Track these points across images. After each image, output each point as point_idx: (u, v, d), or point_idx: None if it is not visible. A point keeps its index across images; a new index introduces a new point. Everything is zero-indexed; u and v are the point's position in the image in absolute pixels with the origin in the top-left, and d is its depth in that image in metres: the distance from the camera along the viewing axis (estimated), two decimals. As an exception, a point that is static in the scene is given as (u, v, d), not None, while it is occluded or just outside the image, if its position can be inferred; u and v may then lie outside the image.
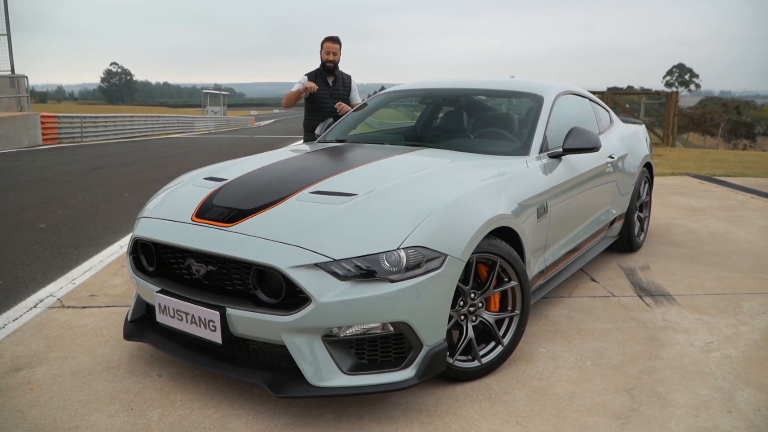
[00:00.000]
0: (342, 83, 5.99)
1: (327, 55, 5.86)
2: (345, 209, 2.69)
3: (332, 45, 5.87)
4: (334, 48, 5.87)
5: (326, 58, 5.86)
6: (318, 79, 5.89)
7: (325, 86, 5.91)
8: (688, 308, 3.92)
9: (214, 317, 2.60)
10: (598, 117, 4.84)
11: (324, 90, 5.88)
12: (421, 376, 2.58)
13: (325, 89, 5.90)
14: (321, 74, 5.92)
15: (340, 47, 5.94)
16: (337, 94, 5.94)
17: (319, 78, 5.90)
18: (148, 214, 3.13)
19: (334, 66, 5.91)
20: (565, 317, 3.78)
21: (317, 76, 5.91)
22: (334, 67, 5.91)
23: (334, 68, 5.91)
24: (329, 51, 5.85)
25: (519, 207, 3.14)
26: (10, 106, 19.03)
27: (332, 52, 5.86)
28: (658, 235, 5.79)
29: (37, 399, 2.84)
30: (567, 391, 2.87)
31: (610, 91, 20.24)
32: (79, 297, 4.21)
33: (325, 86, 5.90)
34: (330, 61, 5.86)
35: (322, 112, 5.83)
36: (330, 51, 5.85)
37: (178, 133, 31.13)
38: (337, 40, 5.93)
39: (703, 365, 3.13)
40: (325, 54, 5.87)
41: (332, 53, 5.86)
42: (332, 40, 5.89)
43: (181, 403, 2.80)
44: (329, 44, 5.87)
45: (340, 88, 5.97)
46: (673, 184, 9.21)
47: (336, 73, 5.95)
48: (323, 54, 5.89)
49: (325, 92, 5.88)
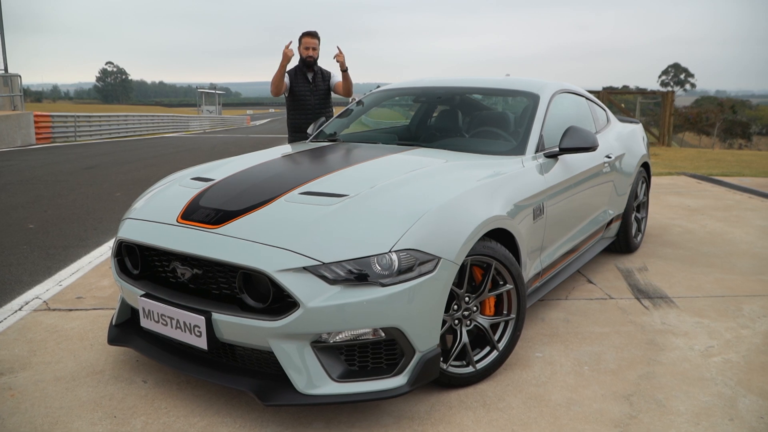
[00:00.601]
0: (321, 78, 5.81)
1: (306, 50, 5.68)
2: (335, 210, 2.61)
3: (311, 40, 5.68)
4: (313, 43, 5.68)
5: (306, 54, 5.68)
6: (297, 76, 5.72)
7: (306, 82, 5.73)
8: (687, 311, 3.85)
9: (199, 322, 2.51)
10: (595, 116, 4.76)
11: (305, 86, 5.72)
12: (414, 383, 2.49)
13: (306, 86, 5.73)
14: (300, 71, 5.75)
15: (319, 42, 5.75)
16: (318, 90, 5.77)
17: (298, 75, 5.73)
18: (133, 215, 3.04)
19: (315, 61, 5.73)
20: (562, 320, 3.70)
21: (296, 73, 5.74)
22: (314, 63, 5.73)
23: (315, 63, 5.74)
24: (308, 46, 5.67)
25: (515, 208, 3.06)
26: (4, 106, 18.89)
27: (311, 48, 5.67)
28: (656, 236, 5.72)
29: (18, 406, 2.75)
30: (564, 398, 2.79)
31: (605, 91, 20.21)
32: (65, 299, 4.12)
33: (305, 82, 5.73)
34: (310, 56, 5.67)
35: (305, 109, 5.71)
36: (309, 46, 5.67)
37: (173, 132, 31.01)
38: (316, 35, 5.73)
39: (703, 370, 3.05)
40: (305, 50, 5.69)
41: (311, 48, 5.67)
42: (311, 35, 5.70)
43: (166, 410, 2.71)
44: (308, 39, 5.68)
45: (319, 82, 5.78)
46: (669, 183, 9.15)
47: (315, 68, 5.77)
48: (302, 50, 5.71)
49: (305, 89, 5.72)
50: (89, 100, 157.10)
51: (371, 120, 5.75)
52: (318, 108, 5.72)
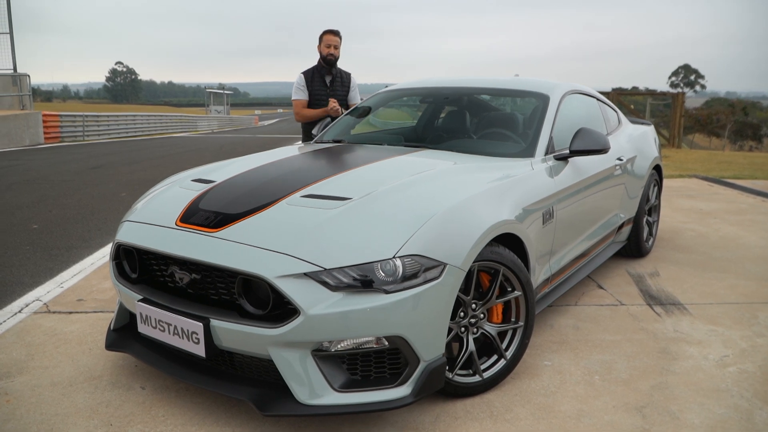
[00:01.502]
0: (341, 82, 5.53)
1: (328, 48, 5.35)
2: (338, 214, 2.52)
3: (333, 38, 5.36)
4: (335, 41, 5.35)
5: (327, 52, 5.36)
6: (315, 78, 5.45)
7: (323, 86, 5.46)
8: (701, 318, 3.74)
9: (197, 329, 2.43)
10: (606, 117, 4.66)
11: (321, 91, 5.44)
12: (418, 393, 2.41)
13: (323, 90, 5.45)
14: (318, 72, 5.47)
15: (341, 41, 5.43)
16: (335, 94, 5.48)
17: (316, 76, 5.46)
18: (132, 217, 2.96)
19: (336, 61, 5.43)
20: (572, 327, 3.60)
21: (314, 75, 5.46)
22: (335, 62, 5.43)
23: (335, 63, 5.44)
24: (330, 44, 5.35)
25: (523, 212, 2.97)
26: (12, 105, 18.93)
27: (333, 46, 5.35)
28: (667, 240, 5.61)
29: (14, 412, 2.69)
30: (574, 409, 2.70)
31: (615, 92, 20.05)
32: (66, 302, 4.06)
33: (322, 86, 5.46)
34: (331, 55, 5.35)
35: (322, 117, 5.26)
36: (331, 44, 5.34)
37: (181, 132, 31.04)
38: (338, 33, 5.42)
39: (718, 381, 2.95)
40: (326, 48, 5.36)
41: (333, 47, 5.35)
42: (333, 33, 5.38)
43: (164, 418, 2.64)
44: (330, 37, 5.35)
45: (338, 87, 5.51)
46: (681, 186, 9.01)
47: (334, 71, 5.49)
48: (323, 48, 5.38)
49: (322, 93, 5.44)
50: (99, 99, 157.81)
51: (379, 120, 5.63)
52: None
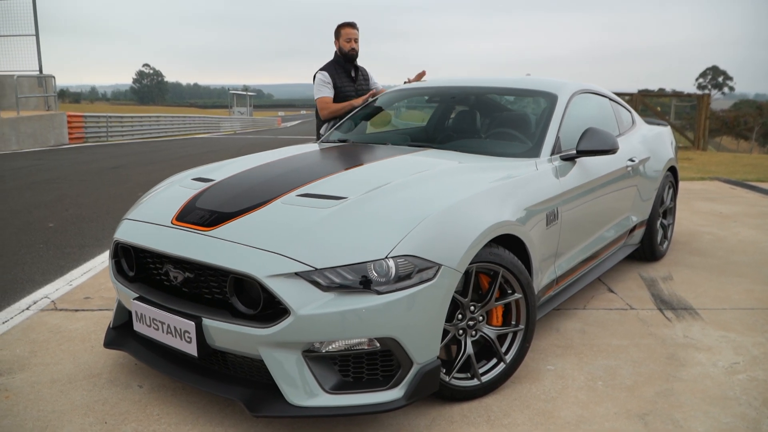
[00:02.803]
0: (363, 77, 5.25)
1: (348, 43, 5.05)
2: (331, 214, 2.49)
3: (352, 31, 5.06)
4: (354, 34, 5.06)
5: (348, 46, 5.05)
6: (340, 74, 5.10)
7: (349, 81, 5.12)
8: (713, 324, 3.64)
9: (189, 328, 2.42)
10: (619, 117, 4.56)
11: (348, 85, 5.10)
12: (411, 396, 2.36)
13: (350, 84, 5.11)
14: (342, 67, 5.13)
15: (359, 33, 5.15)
16: (361, 88, 5.17)
17: (341, 72, 5.11)
18: (131, 215, 2.97)
19: (356, 55, 5.12)
20: (578, 331, 3.53)
21: (337, 70, 5.11)
22: (356, 57, 5.12)
23: (356, 58, 5.14)
24: (350, 38, 5.04)
25: (526, 213, 2.91)
26: (38, 106, 19.25)
27: (354, 39, 5.05)
28: (683, 243, 5.48)
29: (12, 408, 2.70)
30: (574, 415, 2.63)
31: (639, 94, 19.76)
32: (73, 299, 4.08)
33: (349, 81, 5.11)
34: (353, 49, 5.05)
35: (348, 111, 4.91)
36: (351, 38, 5.04)
37: (204, 133, 31.31)
38: (356, 26, 5.13)
39: (726, 389, 2.86)
40: (345, 42, 5.05)
41: (353, 40, 5.05)
42: (351, 26, 5.09)
43: (158, 417, 2.63)
44: (349, 30, 5.06)
45: (362, 82, 5.22)
46: (701, 189, 8.82)
47: (356, 65, 5.21)
48: (343, 42, 5.07)
49: (350, 87, 5.10)
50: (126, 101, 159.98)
51: (401, 122, 5.56)
52: None
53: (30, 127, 16.67)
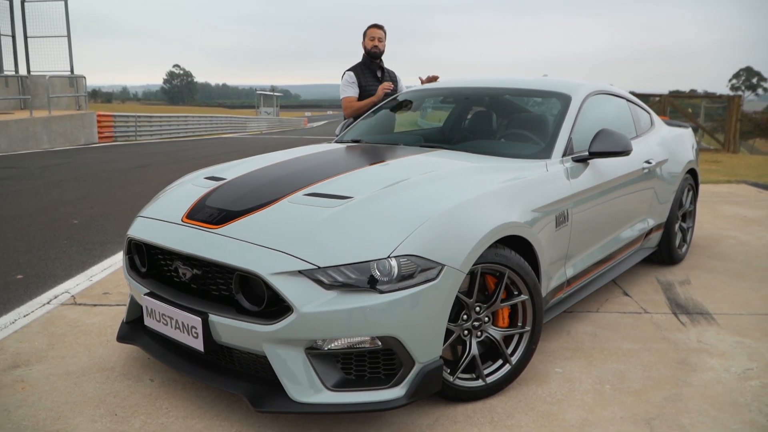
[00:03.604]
0: (390, 78, 5.41)
1: (372, 41, 5.27)
2: (336, 213, 2.52)
3: (378, 31, 5.30)
4: (379, 34, 5.29)
5: (371, 45, 5.27)
6: (366, 74, 5.32)
7: (375, 80, 5.32)
8: (728, 329, 3.58)
9: (196, 323, 2.47)
10: (637, 119, 4.51)
11: (374, 84, 5.28)
12: (412, 395, 2.37)
13: (375, 83, 5.28)
14: (368, 67, 5.35)
15: (386, 35, 5.37)
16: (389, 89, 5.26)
17: (366, 72, 5.33)
18: (145, 213, 3.04)
19: (381, 54, 5.34)
20: (589, 334, 3.50)
21: (363, 71, 5.33)
22: (380, 55, 5.34)
23: (380, 56, 5.35)
24: (374, 37, 5.28)
25: (534, 214, 2.90)
26: (69, 105, 19.68)
27: (377, 38, 5.27)
28: (704, 247, 5.39)
29: (27, 398, 2.78)
30: (579, 418, 2.62)
31: (668, 95, 19.47)
32: (92, 294, 4.18)
33: (374, 81, 5.31)
34: (375, 47, 5.26)
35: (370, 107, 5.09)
36: (375, 37, 5.27)
37: (231, 133, 31.66)
38: (383, 27, 5.37)
39: (737, 395, 2.81)
40: (370, 41, 5.28)
41: (377, 39, 5.27)
42: (377, 27, 5.34)
43: (167, 410, 2.68)
44: (374, 30, 5.31)
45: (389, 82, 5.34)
46: (727, 192, 8.67)
47: (382, 66, 5.40)
48: (367, 41, 5.30)
49: (375, 87, 5.26)
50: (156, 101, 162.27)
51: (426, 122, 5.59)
52: None
53: (61, 126, 17.05)
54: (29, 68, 19.31)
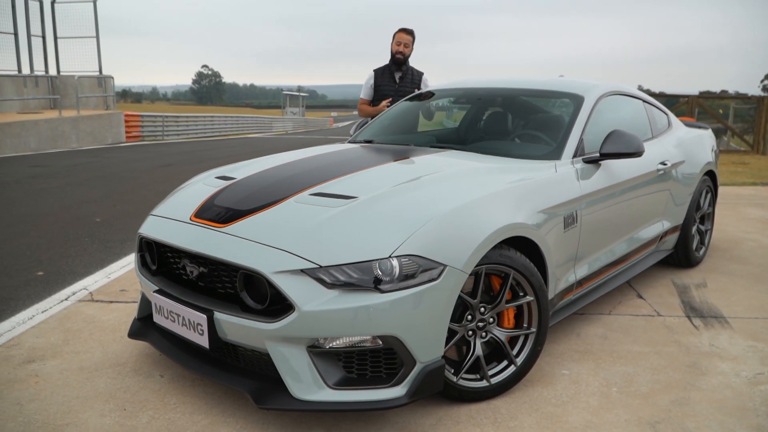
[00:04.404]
0: (411, 80, 5.56)
1: (398, 46, 5.48)
2: (339, 213, 2.54)
3: (405, 36, 5.48)
4: (406, 39, 5.48)
5: (396, 49, 5.48)
6: (385, 74, 5.54)
7: (391, 82, 5.51)
8: (742, 333, 3.52)
9: (201, 320, 2.51)
10: (653, 120, 4.46)
11: (389, 85, 5.48)
12: (413, 395, 2.39)
13: (391, 85, 5.49)
14: (389, 69, 5.56)
15: (414, 40, 5.54)
16: (404, 91, 5.44)
17: (386, 73, 5.55)
18: (156, 211, 3.09)
19: (404, 59, 5.51)
20: (600, 336, 3.47)
21: (384, 72, 5.56)
22: (404, 61, 5.51)
23: (404, 62, 5.52)
24: (400, 42, 5.47)
25: (540, 215, 2.89)
26: (97, 105, 20.04)
27: (404, 44, 5.46)
28: (723, 250, 5.31)
29: (39, 393, 2.85)
30: (582, 420, 2.60)
31: (696, 96, 19.14)
32: (110, 291, 4.26)
33: (391, 82, 5.50)
34: (400, 53, 5.46)
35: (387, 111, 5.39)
36: (401, 42, 5.47)
37: (256, 133, 31.92)
38: (411, 32, 5.53)
39: (746, 399, 2.77)
40: (396, 45, 5.49)
41: (403, 44, 5.46)
42: (405, 32, 5.51)
43: (174, 406, 2.73)
44: (401, 35, 5.49)
45: (407, 84, 5.53)
46: (751, 194, 8.50)
47: (404, 68, 5.55)
48: (394, 45, 5.51)
49: (390, 88, 5.47)
50: (185, 101, 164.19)
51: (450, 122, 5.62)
52: None
53: (89, 126, 17.37)
54: (59, 68, 19.72)
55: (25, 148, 14.70)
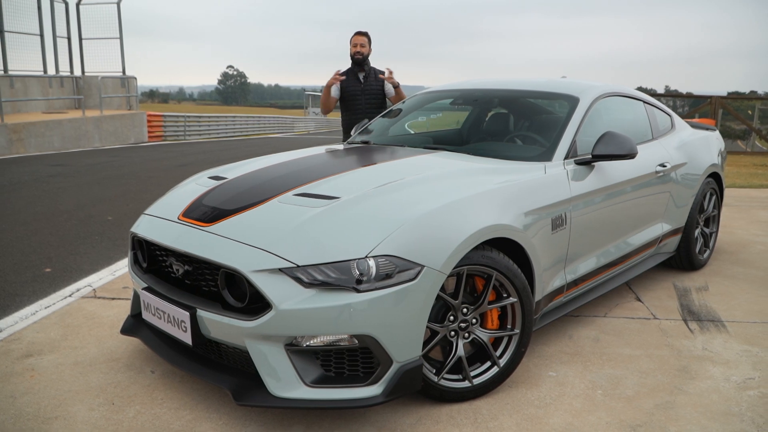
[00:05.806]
0: (374, 77, 5.91)
1: (354, 47, 5.85)
2: (319, 213, 2.57)
3: (360, 38, 5.88)
4: (362, 40, 5.86)
5: (353, 51, 5.85)
6: (349, 76, 5.86)
7: (356, 82, 5.85)
8: (737, 337, 3.48)
9: (185, 317, 2.56)
10: (654, 121, 4.41)
11: (355, 86, 5.84)
12: (390, 393, 2.41)
13: (357, 85, 5.85)
14: (352, 71, 5.90)
15: (369, 41, 5.93)
16: (370, 89, 5.87)
17: (350, 75, 5.88)
18: (148, 211, 3.15)
19: (364, 59, 5.85)
20: (592, 339, 3.46)
21: (348, 74, 5.89)
22: (363, 60, 5.85)
23: (363, 62, 5.85)
24: (356, 44, 5.85)
25: (526, 216, 2.89)
26: (121, 105, 20.36)
27: (360, 44, 5.84)
28: (729, 253, 5.23)
29: (33, 386, 2.92)
30: (563, 423, 2.60)
31: (727, 96, 18.82)
32: (113, 288, 4.34)
33: (356, 82, 5.85)
34: (358, 53, 5.82)
35: (355, 109, 5.83)
36: (357, 43, 5.85)
37: (277, 133, 32.12)
38: (366, 34, 5.94)
39: (732, 404, 2.74)
40: (353, 47, 5.86)
41: (359, 45, 5.84)
42: (360, 34, 5.92)
43: (161, 401, 2.79)
44: (357, 37, 5.89)
45: (372, 82, 5.89)
46: (766, 197, 8.35)
47: (366, 68, 5.89)
48: (351, 48, 5.88)
49: (356, 89, 5.84)
50: (210, 101, 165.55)
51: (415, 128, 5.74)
52: (369, 108, 5.79)
53: (112, 126, 17.66)
54: (83, 69, 20.07)
55: (49, 148, 15.00)
